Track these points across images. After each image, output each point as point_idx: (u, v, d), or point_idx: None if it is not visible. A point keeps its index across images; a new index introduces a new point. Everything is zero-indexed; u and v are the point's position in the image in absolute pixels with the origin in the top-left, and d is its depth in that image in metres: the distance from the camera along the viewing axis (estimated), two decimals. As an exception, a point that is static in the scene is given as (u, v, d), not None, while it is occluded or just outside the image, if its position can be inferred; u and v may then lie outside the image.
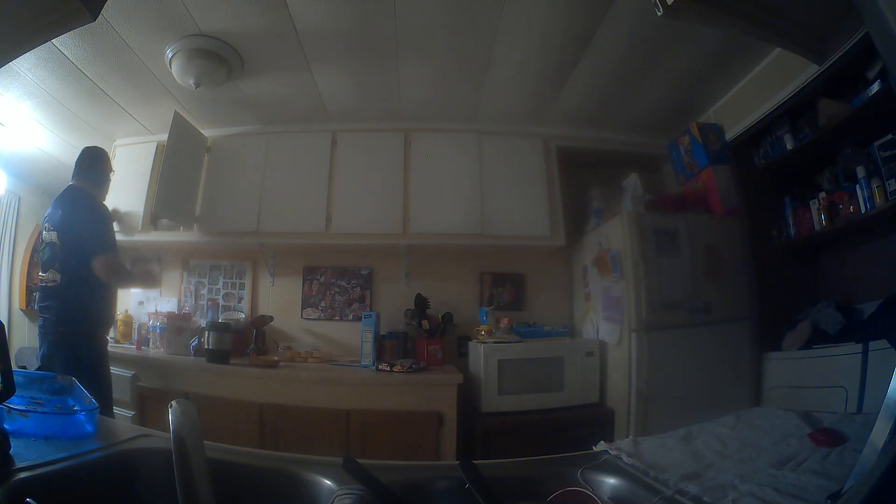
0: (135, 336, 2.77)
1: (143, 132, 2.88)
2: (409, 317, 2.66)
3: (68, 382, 1.05)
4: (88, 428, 0.91)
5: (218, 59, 2.15)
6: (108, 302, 2.10)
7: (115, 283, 2.09)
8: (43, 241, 2.07)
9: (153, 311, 2.86)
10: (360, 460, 0.75)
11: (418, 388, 2.20)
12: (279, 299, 2.93)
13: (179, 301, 2.98)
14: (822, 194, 2.07)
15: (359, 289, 2.92)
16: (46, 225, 2.05)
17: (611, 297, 2.35)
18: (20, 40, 1.03)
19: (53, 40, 1.88)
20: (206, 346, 2.34)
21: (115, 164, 2.90)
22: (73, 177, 2.15)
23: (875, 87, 1.75)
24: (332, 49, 2.14)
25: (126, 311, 2.93)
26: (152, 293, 3.04)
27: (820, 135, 2.02)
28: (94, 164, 2.20)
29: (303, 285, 2.95)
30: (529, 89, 2.48)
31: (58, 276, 1.97)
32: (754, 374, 2.16)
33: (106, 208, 2.19)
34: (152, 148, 2.85)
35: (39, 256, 2.10)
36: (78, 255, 1.96)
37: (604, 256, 2.41)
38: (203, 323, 2.63)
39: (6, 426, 0.77)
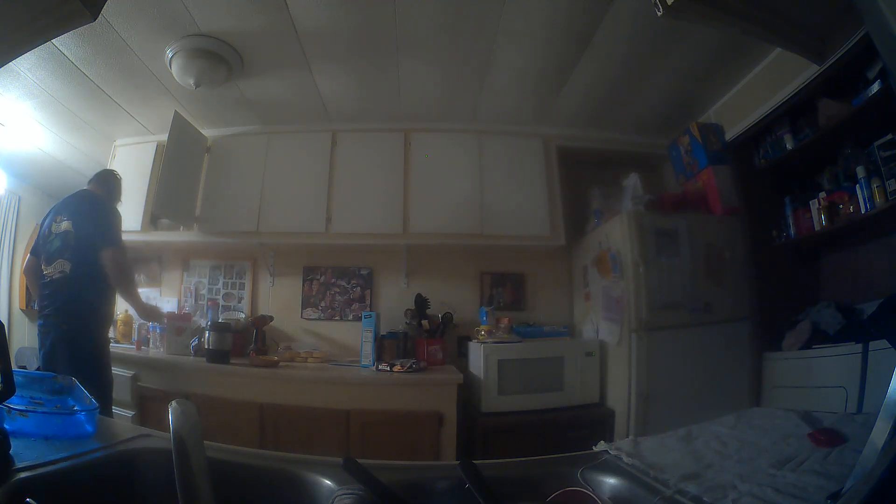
0: (135, 336, 2.76)
1: (143, 132, 2.88)
2: (409, 317, 2.66)
3: (68, 382, 1.05)
4: (88, 428, 0.91)
5: (218, 59, 2.15)
6: (112, 300, 2.10)
7: (120, 280, 2.04)
8: (52, 232, 2.02)
9: (153, 311, 2.86)
10: (360, 460, 0.75)
11: (418, 388, 2.20)
12: (279, 299, 2.93)
13: (179, 301, 2.98)
14: (822, 194, 2.07)
15: (359, 289, 2.92)
16: (57, 217, 2.03)
17: (611, 297, 2.35)
18: (20, 40, 1.03)
19: (53, 40, 1.88)
20: (206, 346, 2.34)
21: (114, 163, 2.94)
22: (88, 184, 2.21)
23: (875, 87, 1.75)
24: (333, 49, 2.14)
25: (126, 311, 2.92)
26: (152, 293, 3.04)
27: (820, 135, 2.02)
28: (110, 180, 2.27)
29: (303, 285, 2.94)
30: (529, 89, 2.48)
31: (67, 267, 1.94)
32: (754, 374, 2.16)
33: (119, 213, 2.19)
34: (152, 148, 2.86)
35: (45, 248, 2.03)
36: (92, 247, 1.97)
37: (604, 256, 2.41)
38: (203, 323, 2.63)
39: (6, 426, 0.76)
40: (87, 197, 2.12)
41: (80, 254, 1.95)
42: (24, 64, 2.15)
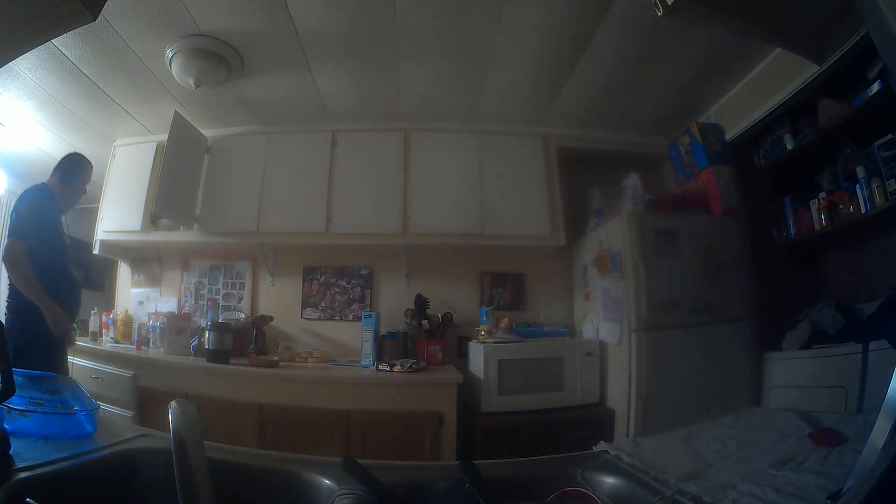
0: (135, 336, 2.77)
1: (143, 132, 2.89)
2: (409, 317, 2.65)
3: (68, 382, 1.05)
4: (88, 428, 0.92)
5: (218, 59, 2.15)
6: (43, 292, 1.98)
7: (11, 272, 1.96)
8: None
9: (153, 311, 2.86)
10: (360, 460, 0.76)
11: (418, 388, 2.20)
12: (279, 299, 2.93)
13: (179, 301, 2.98)
14: (822, 194, 2.07)
15: (359, 289, 2.92)
16: None
17: (611, 297, 2.35)
18: (20, 40, 1.03)
19: (53, 40, 1.88)
20: (206, 346, 2.34)
21: (114, 163, 2.94)
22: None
23: (875, 87, 1.75)
24: (332, 49, 2.14)
25: (126, 311, 2.93)
26: (152, 293, 3.04)
27: (820, 135, 2.02)
28: (62, 166, 2.21)
29: (303, 285, 2.94)
30: (529, 89, 2.48)
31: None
32: (754, 374, 2.16)
33: (54, 208, 2.14)
34: (152, 148, 2.86)
35: None
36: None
37: (604, 256, 2.41)
38: (203, 323, 2.63)
39: (6, 426, 0.76)
40: (28, 190, 2.12)
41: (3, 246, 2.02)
42: (24, 64, 2.15)
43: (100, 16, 1.07)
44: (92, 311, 2.91)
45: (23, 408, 0.85)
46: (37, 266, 1.97)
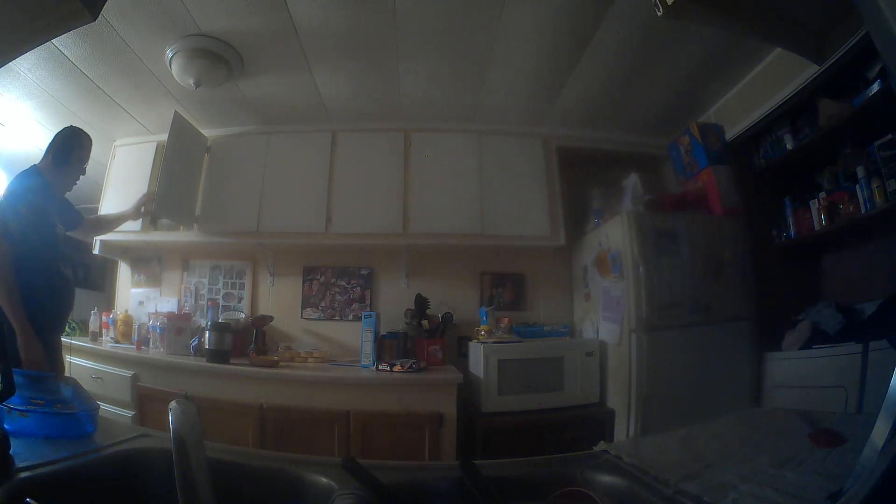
0: (135, 336, 2.76)
1: (143, 132, 2.88)
2: (409, 317, 2.66)
3: (69, 382, 1.05)
4: (88, 428, 0.92)
5: (218, 59, 2.15)
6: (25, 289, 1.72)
7: None
8: None
9: (153, 311, 2.86)
10: (360, 460, 0.75)
11: (418, 388, 2.20)
12: (279, 299, 2.93)
13: (179, 301, 2.98)
14: (822, 194, 2.07)
15: (359, 289, 2.92)
16: None
17: (611, 297, 2.35)
18: (20, 40, 1.03)
19: (53, 40, 1.88)
20: (206, 346, 2.34)
21: (114, 163, 2.94)
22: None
23: (875, 87, 1.75)
24: (332, 49, 2.14)
25: (126, 311, 2.93)
26: (152, 293, 3.04)
27: (820, 135, 2.02)
28: (55, 144, 1.96)
29: (303, 285, 2.94)
30: (529, 89, 2.48)
31: None
32: (754, 374, 2.16)
33: (45, 196, 1.89)
34: (152, 148, 2.85)
35: None
36: None
37: (604, 256, 2.41)
38: (203, 323, 2.63)
39: (6, 426, 0.77)
40: (17, 177, 1.87)
41: None
42: (24, 64, 2.15)
43: (100, 16, 1.07)
44: (92, 312, 2.91)
45: (23, 408, 0.85)
46: (22, 270, 1.71)
